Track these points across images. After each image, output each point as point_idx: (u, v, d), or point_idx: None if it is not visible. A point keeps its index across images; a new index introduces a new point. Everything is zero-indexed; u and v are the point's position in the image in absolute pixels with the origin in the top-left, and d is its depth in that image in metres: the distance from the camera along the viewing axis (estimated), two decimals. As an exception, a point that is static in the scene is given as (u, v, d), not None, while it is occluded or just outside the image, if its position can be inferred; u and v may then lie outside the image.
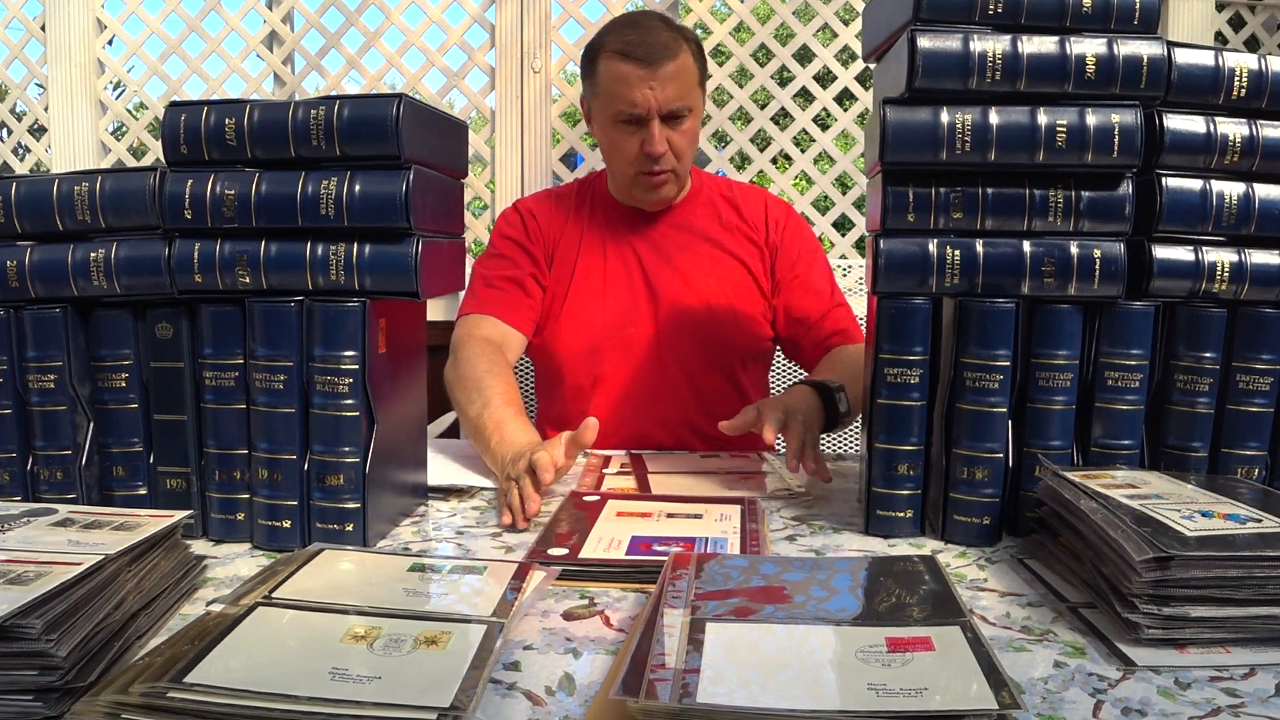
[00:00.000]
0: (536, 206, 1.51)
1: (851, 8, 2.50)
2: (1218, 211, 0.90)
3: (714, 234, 1.49)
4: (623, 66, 1.33)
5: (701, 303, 1.45)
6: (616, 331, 1.44)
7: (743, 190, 1.56)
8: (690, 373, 1.45)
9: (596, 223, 1.49)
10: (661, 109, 1.34)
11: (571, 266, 1.47)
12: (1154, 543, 0.66)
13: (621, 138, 1.38)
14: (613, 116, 1.37)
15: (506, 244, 1.47)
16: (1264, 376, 0.90)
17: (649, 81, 1.32)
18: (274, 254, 0.88)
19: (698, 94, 1.40)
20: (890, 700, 0.52)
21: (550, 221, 1.49)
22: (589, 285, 1.46)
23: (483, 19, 2.41)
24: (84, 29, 2.45)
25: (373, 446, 0.89)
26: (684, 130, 1.38)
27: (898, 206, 0.89)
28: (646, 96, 1.33)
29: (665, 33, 1.35)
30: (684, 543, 0.85)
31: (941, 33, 0.85)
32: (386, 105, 0.86)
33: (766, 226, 1.52)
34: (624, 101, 1.34)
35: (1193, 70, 0.89)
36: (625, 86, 1.33)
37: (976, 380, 0.89)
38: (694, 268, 1.46)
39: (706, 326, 1.45)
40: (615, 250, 1.47)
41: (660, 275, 1.45)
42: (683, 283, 1.45)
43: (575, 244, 1.48)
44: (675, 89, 1.34)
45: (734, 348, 1.47)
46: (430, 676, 0.55)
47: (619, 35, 1.36)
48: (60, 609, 0.57)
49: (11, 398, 0.90)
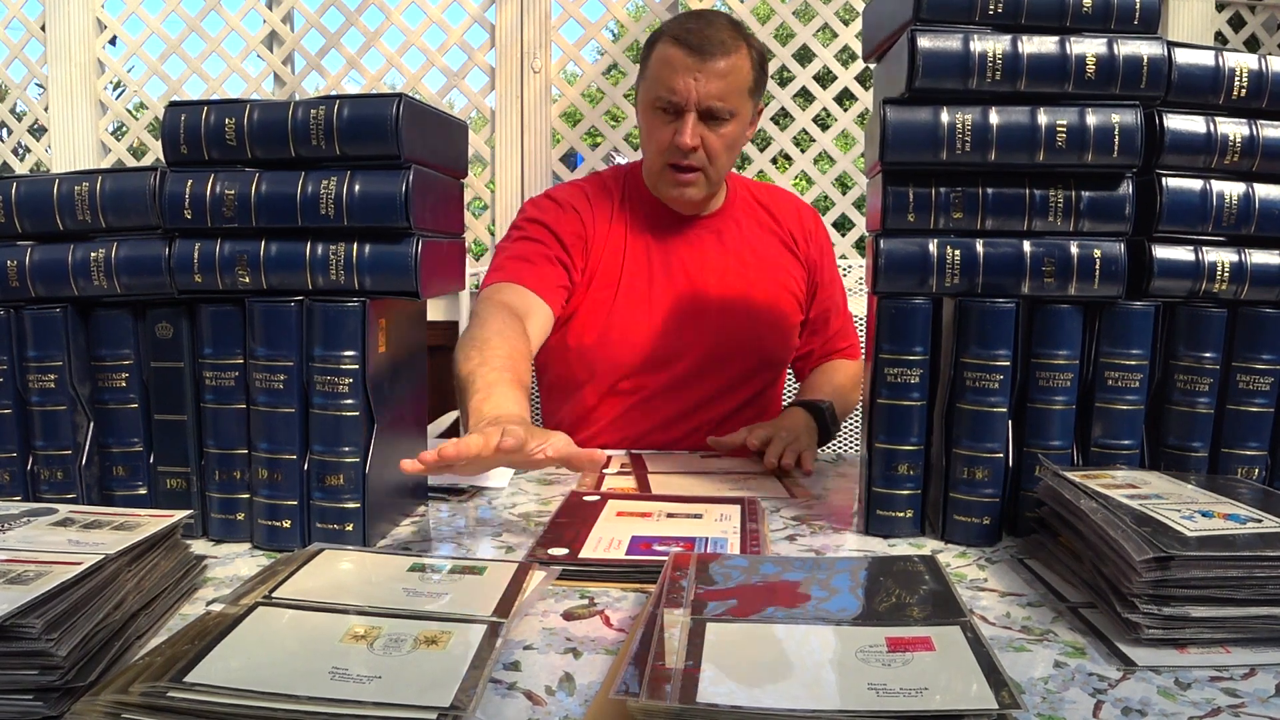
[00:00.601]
0: (578, 201, 1.43)
1: (851, 8, 2.50)
2: (1218, 211, 0.90)
3: (755, 240, 1.46)
4: (673, 51, 1.29)
5: (744, 312, 1.42)
6: (662, 341, 1.40)
7: (771, 193, 1.53)
8: (728, 379, 1.43)
9: (639, 223, 1.43)
10: (701, 103, 1.29)
11: (618, 271, 1.40)
12: (1154, 543, 0.66)
13: (656, 124, 1.33)
14: (652, 101, 1.33)
15: (536, 228, 1.39)
16: (1264, 376, 0.90)
17: (695, 72, 1.28)
18: (274, 254, 0.88)
19: (745, 101, 1.33)
20: (890, 700, 0.52)
21: (594, 220, 1.41)
22: (635, 293, 1.40)
23: (483, 19, 2.41)
24: (84, 29, 2.45)
25: (373, 446, 0.89)
26: (722, 133, 1.32)
27: (898, 206, 0.89)
28: (688, 85, 1.28)
29: (727, 30, 1.30)
30: (684, 542, 0.85)
31: (941, 33, 0.85)
32: (386, 105, 0.86)
33: (805, 239, 1.50)
34: (664, 87, 1.30)
35: (1193, 70, 0.89)
36: (670, 71, 1.29)
37: (976, 380, 0.89)
38: (737, 275, 1.43)
39: (748, 336, 1.43)
40: (660, 255, 1.42)
41: (705, 283, 1.41)
42: (727, 291, 1.42)
43: (620, 246, 1.41)
44: (720, 87, 1.29)
45: (771, 357, 1.47)
46: (430, 676, 0.55)
47: (680, 22, 1.32)
48: (60, 609, 0.57)
49: (11, 398, 0.90)
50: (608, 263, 1.40)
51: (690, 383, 1.41)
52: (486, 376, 1.04)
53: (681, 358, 1.40)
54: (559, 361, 1.45)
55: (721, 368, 1.42)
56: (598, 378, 1.41)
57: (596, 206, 1.43)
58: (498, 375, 1.04)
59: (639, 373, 1.40)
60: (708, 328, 1.41)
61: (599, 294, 1.40)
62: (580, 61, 2.42)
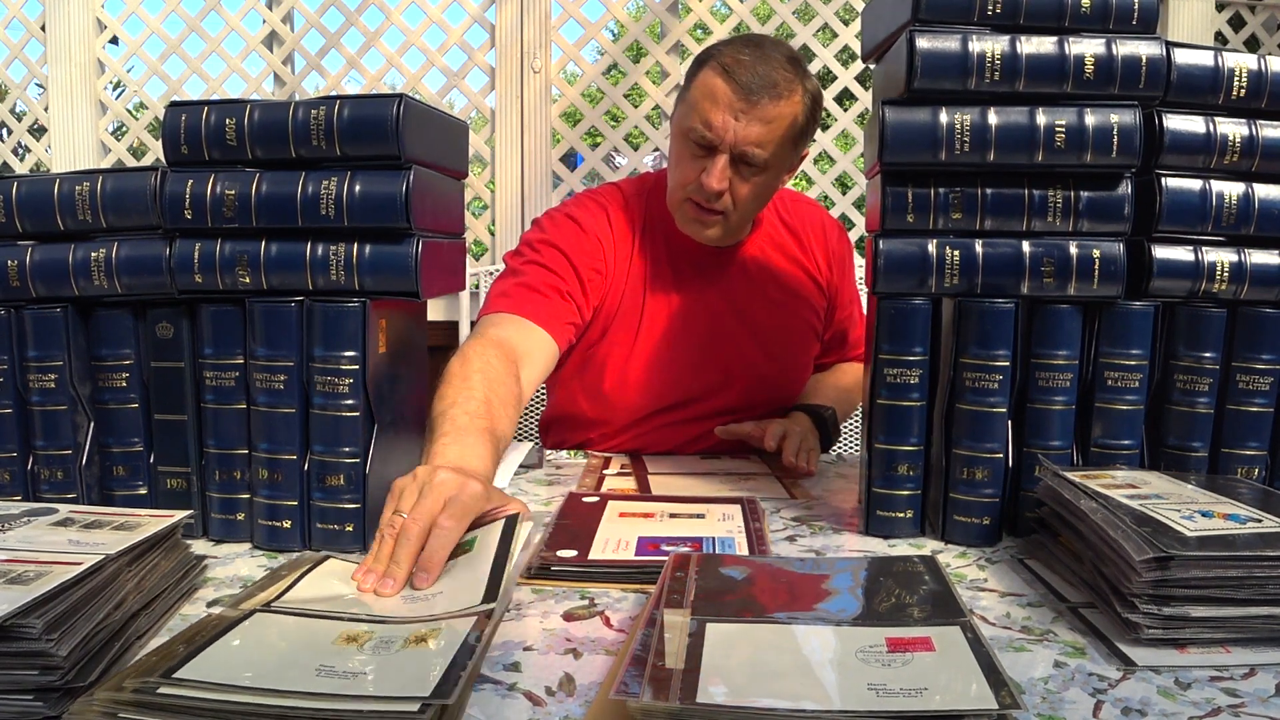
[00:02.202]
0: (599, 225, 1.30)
1: (851, 8, 2.50)
2: (1217, 211, 0.90)
3: (783, 278, 1.37)
4: (718, 83, 1.17)
5: (772, 362, 1.36)
6: (676, 386, 1.33)
7: (797, 212, 1.42)
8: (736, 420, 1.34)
9: (659, 260, 1.32)
10: (736, 146, 1.17)
11: (639, 313, 1.30)
12: (1154, 543, 0.66)
13: (685, 155, 1.22)
14: (686, 130, 1.20)
15: (552, 254, 1.25)
16: (1264, 376, 0.90)
17: (737, 110, 1.16)
18: (274, 254, 0.88)
19: (787, 152, 1.21)
20: (890, 700, 0.52)
21: (617, 255, 1.30)
22: (654, 337, 1.31)
23: (483, 19, 2.41)
24: (84, 29, 2.45)
25: (373, 446, 0.89)
26: (754, 181, 1.21)
27: (897, 207, 0.89)
28: (727, 124, 1.16)
29: (782, 70, 1.17)
30: (691, 542, 0.86)
31: (940, 33, 0.85)
32: (387, 105, 0.86)
33: (829, 264, 1.42)
34: (701, 120, 1.17)
35: (1192, 70, 0.89)
36: (710, 104, 1.17)
37: (976, 380, 0.89)
38: (769, 322, 1.35)
39: (774, 384, 1.37)
40: (681, 299, 1.32)
41: (725, 328, 1.33)
42: (756, 341, 1.35)
43: (640, 286, 1.31)
44: (761, 133, 1.17)
45: (784, 401, 1.40)
46: (416, 671, 0.55)
47: (734, 49, 1.19)
48: (60, 609, 0.57)
49: (12, 397, 0.90)
50: (629, 301, 1.30)
51: (708, 422, 1.35)
52: (457, 420, 0.92)
53: (702, 401, 1.34)
54: (567, 401, 1.38)
55: (742, 409, 1.35)
56: (613, 419, 1.35)
57: (619, 236, 1.31)
58: (469, 421, 0.92)
59: (657, 414, 1.34)
60: (732, 370, 1.34)
61: (619, 335, 1.31)
62: (580, 61, 2.42)
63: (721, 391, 1.34)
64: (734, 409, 1.35)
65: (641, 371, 1.31)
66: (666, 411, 1.34)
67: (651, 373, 1.31)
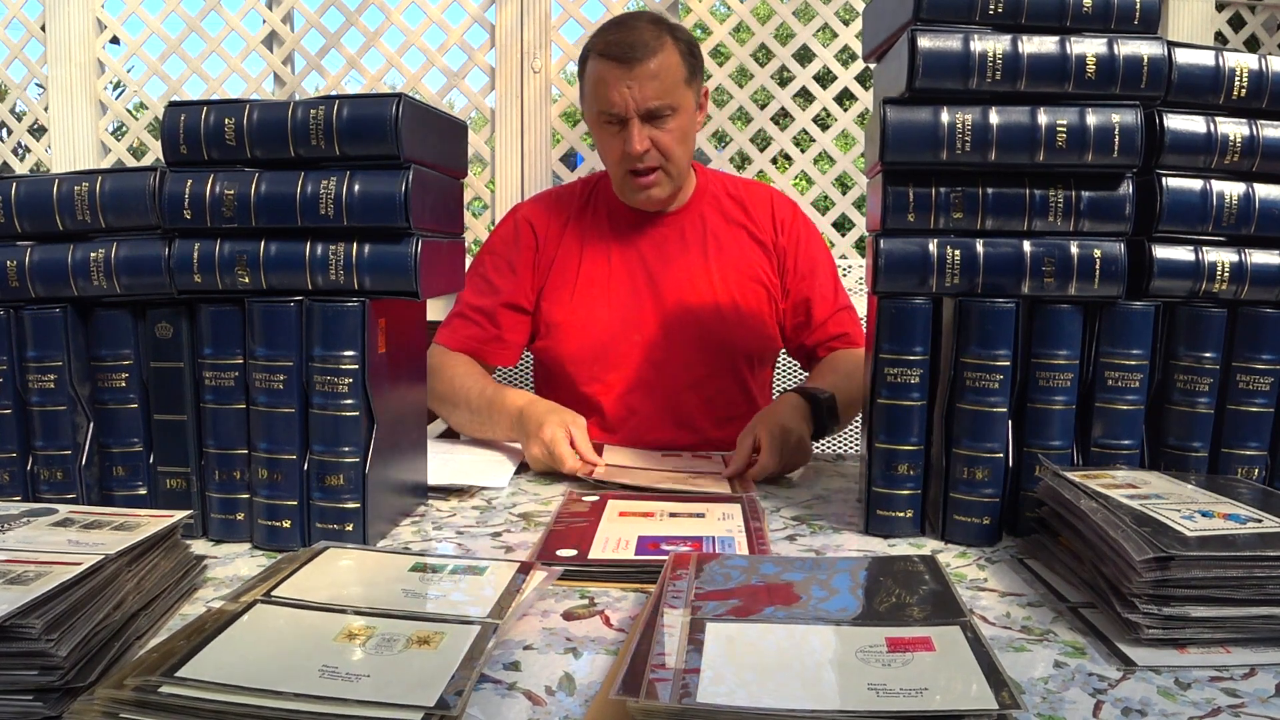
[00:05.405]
0: (535, 214, 1.49)
1: (851, 8, 2.50)
2: (1218, 211, 0.90)
3: (720, 233, 1.48)
4: (602, 66, 1.34)
5: (708, 305, 1.44)
6: (621, 335, 1.43)
7: (748, 187, 1.55)
8: (696, 375, 1.44)
9: (600, 225, 1.48)
10: (640, 108, 1.33)
11: (575, 271, 1.45)
12: (1154, 543, 0.66)
13: (606, 138, 1.38)
14: (596, 118, 1.37)
15: (494, 259, 1.47)
16: (1264, 376, 0.90)
17: (626, 81, 1.32)
18: (274, 254, 0.88)
19: (684, 92, 1.37)
20: (890, 700, 0.52)
21: (548, 228, 1.47)
22: (593, 289, 1.44)
23: (483, 19, 2.41)
24: (84, 29, 2.45)
25: (373, 446, 0.89)
26: (669, 129, 1.36)
27: (898, 206, 0.89)
28: (624, 95, 1.32)
29: (648, 30, 1.34)
30: (691, 542, 0.86)
31: (941, 33, 0.85)
32: (386, 105, 0.86)
33: (775, 227, 1.51)
34: (603, 102, 1.34)
35: (1193, 70, 0.89)
36: (604, 87, 1.34)
37: (976, 380, 0.89)
38: (700, 269, 1.45)
39: (713, 329, 1.44)
40: (619, 253, 1.46)
41: (665, 278, 1.44)
42: (688, 285, 1.44)
43: (577, 248, 1.46)
44: (655, 87, 1.32)
45: (740, 349, 1.47)
46: (419, 676, 0.55)
47: (603, 35, 1.36)
48: (60, 609, 0.57)
49: (11, 398, 0.90)
50: (561, 267, 1.46)
51: (658, 376, 1.43)
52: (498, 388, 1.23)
53: (643, 351, 1.43)
54: (542, 366, 1.53)
55: (686, 359, 1.43)
56: (571, 375, 1.45)
57: (552, 217, 1.49)
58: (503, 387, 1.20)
59: (605, 369, 1.43)
60: (669, 321, 1.43)
61: (555, 295, 1.45)
62: (580, 61, 2.42)
63: (658, 339, 1.43)
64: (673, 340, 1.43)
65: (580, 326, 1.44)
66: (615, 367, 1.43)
67: (588, 326, 1.43)
